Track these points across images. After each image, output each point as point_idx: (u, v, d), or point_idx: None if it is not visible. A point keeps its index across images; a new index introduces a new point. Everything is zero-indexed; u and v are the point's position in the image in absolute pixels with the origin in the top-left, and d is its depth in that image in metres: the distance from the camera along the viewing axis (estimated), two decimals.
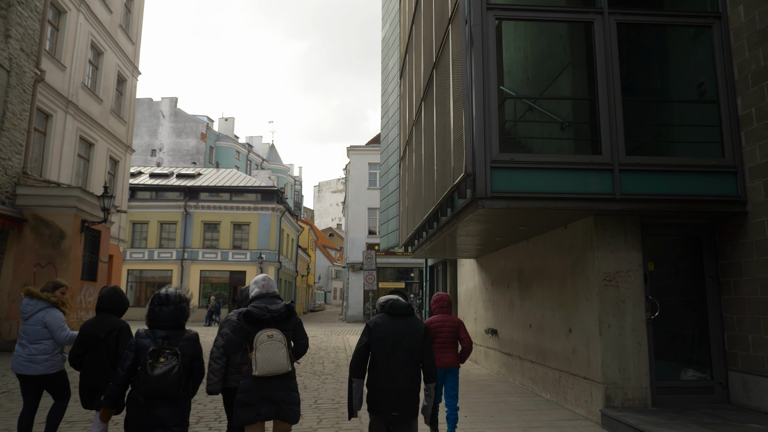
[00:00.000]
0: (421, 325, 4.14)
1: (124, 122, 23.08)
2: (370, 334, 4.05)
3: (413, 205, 11.38)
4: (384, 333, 4.01)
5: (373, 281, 17.37)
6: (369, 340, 4.03)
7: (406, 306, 4.16)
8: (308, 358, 14.19)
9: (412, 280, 37.72)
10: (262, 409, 4.02)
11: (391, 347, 3.98)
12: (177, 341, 3.85)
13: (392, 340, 3.99)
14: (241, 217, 36.34)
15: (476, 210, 6.76)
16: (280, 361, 4.02)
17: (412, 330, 4.05)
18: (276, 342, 4.04)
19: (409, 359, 3.98)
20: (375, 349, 4.00)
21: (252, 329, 4.11)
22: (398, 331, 4.02)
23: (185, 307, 4.00)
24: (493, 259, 11.87)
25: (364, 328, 4.19)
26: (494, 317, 11.70)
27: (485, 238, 9.64)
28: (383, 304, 4.21)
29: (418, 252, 13.12)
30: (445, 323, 5.99)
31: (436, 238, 9.92)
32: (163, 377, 3.64)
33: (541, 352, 8.95)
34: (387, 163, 20.72)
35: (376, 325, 4.07)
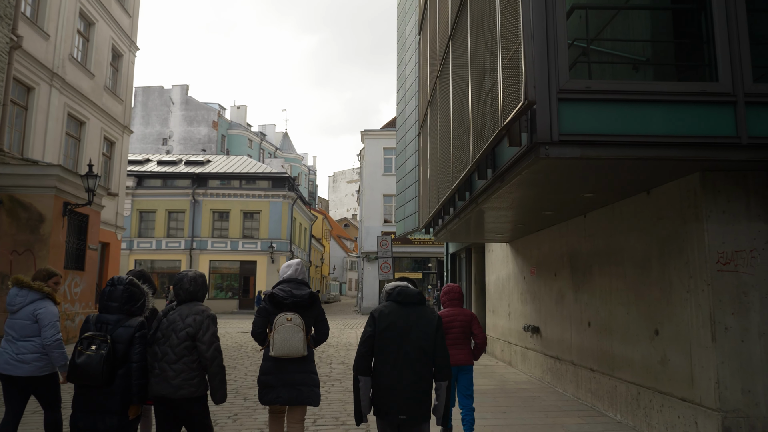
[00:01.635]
0: (434, 316, 3.70)
1: (120, 100, 21.23)
2: (375, 324, 3.63)
3: (436, 177, 9.27)
4: (391, 324, 3.59)
5: (389, 270, 15.34)
6: (374, 330, 3.62)
7: (417, 293, 3.74)
8: (315, 358, 12.21)
9: (429, 270, 35.63)
10: (282, 393, 4.16)
11: (399, 340, 3.56)
12: (116, 327, 3.73)
13: (400, 332, 3.57)
14: (251, 205, 34.50)
15: (536, 162, 4.64)
16: (296, 344, 4.14)
17: (423, 321, 3.62)
18: (294, 326, 4.16)
19: (419, 354, 3.54)
20: (381, 342, 3.58)
21: (275, 311, 4.27)
22: (407, 322, 3.60)
23: (137, 293, 3.89)
24: (533, 242, 9.73)
25: (369, 318, 3.71)
26: (535, 312, 9.58)
27: (529, 212, 7.50)
28: (390, 292, 3.77)
29: (442, 235, 11.01)
30: (457, 317, 5.49)
31: (466, 214, 7.82)
32: (85, 365, 3.56)
33: (606, 358, 6.82)
34: (404, 140, 18.59)
35: (382, 315, 3.64)
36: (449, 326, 5.42)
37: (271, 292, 4.37)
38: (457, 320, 5.48)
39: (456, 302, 5.62)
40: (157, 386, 3.73)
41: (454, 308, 5.59)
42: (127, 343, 3.70)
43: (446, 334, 5.24)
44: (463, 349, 5.47)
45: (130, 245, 33.71)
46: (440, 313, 5.42)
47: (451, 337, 5.37)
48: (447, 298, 5.66)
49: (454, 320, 5.48)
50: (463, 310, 5.62)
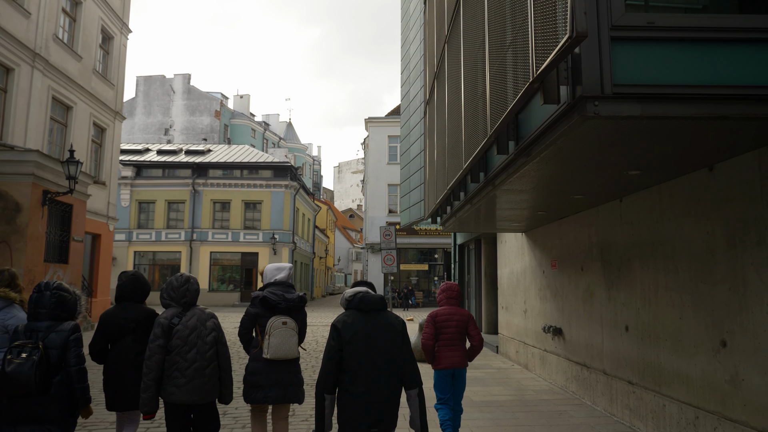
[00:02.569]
0: (398, 320, 3.49)
1: (111, 85, 20.10)
2: (340, 336, 3.34)
3: (444, 159, 8.08)
4: (356, 334, 3.34)
5: (393, 263, 14.17)
6: (340, 343, 3.33)
7: (379, 299, 3.48)
8: (305, 359, 11.11)
9: (436, 262, 34.49)
10: (271, 392, 4.24)
11: (366, 351, 3.31)
12: (47, 333, 3.59)
13: (366, 341, 3.33)
14: (252, 195, 33.40)
15: (580, 125, 3.46)
16: (292, 347, 4.27)
17: (387, 327, 3.41)
18: (289, 329, 4.28)
19: (387, 363, 3.32)
20: (347, 354, 3.31)
21: (267, 314, 4.33)
22: (372, 330, 3.36)
23: (67, 298, 3.73)
24: (553, 232, 8.55)
25: (331, 330, 3.42)
26: (556, 311, 8.41)
27: (555, 195, 6.32)
28: (350, 299, 3.48)
29: (450, 224, 9.83)
30: (453, 317, 5.21)
31: (479, 200, 6.64)
32: (16, 373, 3.38)
33: (651, 371, 5.65)
34: (408, 123, 17.38)
35: (346, 325, 3.37)
36: (445, 326, 5.16)
37: (263, 295, 4.39)
38: (454, 320, 5.20)
39: (453, 301, 5.33)
40: (187, 394, 3.74)
41: (450, 307, 5.29)
42: (61, 348, 3.57)
43: (441, 333, 5.11)
44: (459, 351, 5.17)
45: (129, 237, 32.75)
46: (436, 311, 5.25)
47: (446, 337, 5.14)
48: (444, 296, 5.35)
49: (450, 319, 5.19)
50: (460, 309, 5.33)
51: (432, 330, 5.18)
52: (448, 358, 5.11)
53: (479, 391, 7.97)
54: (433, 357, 5.18)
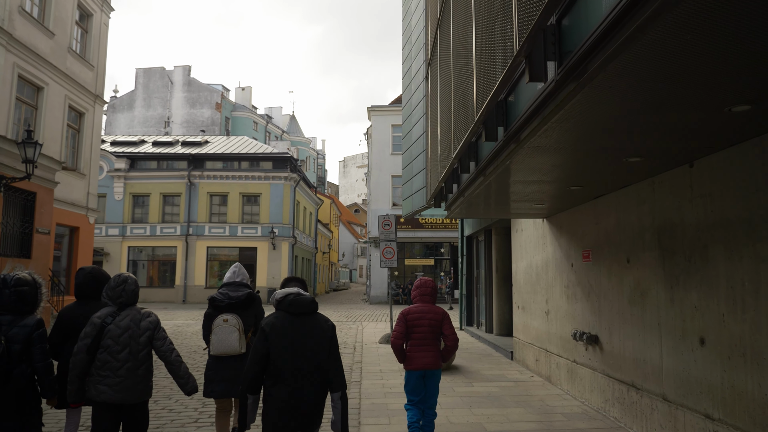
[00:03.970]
0: (327, 324, 3.39)
1: (90, 66, 18.45)
2: (268, 340, 3.23)
3: (449, 124, 6.32)
4: (283, 336, 3.22)
5: (392, 256, 12.45)
6: (267, 346, 3.21)
7: (310, 301, 3.35)
8: None
9: (442, 257, 32.74)
10: (217, 387, 4.52)
11: (291, 354, 3.20)
12: (10, 328, 3.59)
13: (295, 345, 3.22)
14: (251, 187, 31.74)
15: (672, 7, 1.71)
16: (232, 343, 4.46)
17: (317, 331, 3.30)
18: (230, 326, 4.48)
19: (313, 367, 3.23)
20: (273, 357, 3.19)
21: (215, 313, 4.62)
22: (301, 334, 3.25)
23: (26, 291, 3.70)
24: (587, 214, 6.79)
25: (259, 333, 3.28)
26: (591, 314, 6.65)
27: (603, 154, 4.56)
28: (281, 300, 3.33)
29: (456, 208, 8.05)
30: (426, 315, 4.83)
31: (495, 168, 4.91)
32: None
33: (750, 404, 3.88)
34: (410, 103, 15.59)
35: (275, 329, 3.25)
36: (416, 324, 4.85)
37: (211, 296, 4.73)
38: (426, 318, 4.86)
39: (427, 298, 4.98)
40: (119, 394, 3.64)
41: (424, 304, 4.96)
42: (23, 342, 3.59)
43: (413, 332, 4.84)
44: (431, 351, 4.84)
45: (122, 231, 31.23)
46: (408, 308, 4.96)
47: (418, 336, 4.83)
48: (418, 293, 5.01)
49: (423, 317, 4.86)
50: (434, 307, 4.98)
51: (402, 328, 4.83)
52: (420, 358, 4.79)
53: (495, 416, 6.24)
54: (404, 356, 4.88)
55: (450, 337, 4.82)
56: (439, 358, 4.85)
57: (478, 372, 9.05)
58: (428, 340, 4.82)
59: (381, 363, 9.87)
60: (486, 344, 12.32)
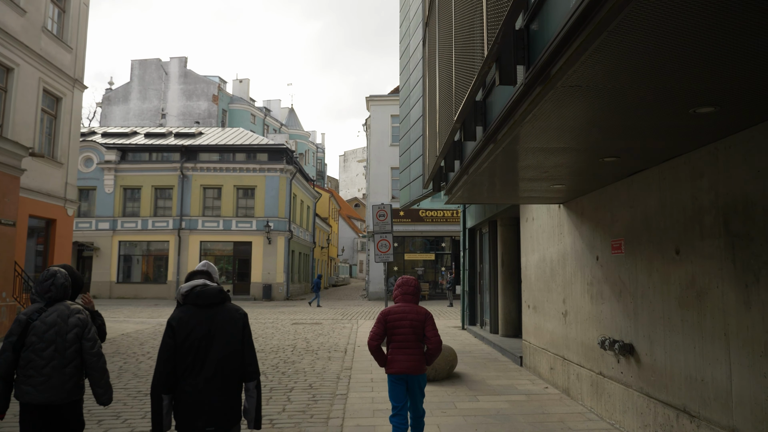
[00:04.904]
0: (239, 314, 3.22)
1: (68, 48, 17.19)
2: (175, 334, 3.07)
3: (452, 79, 5.07)
4: (192, 331, 3.07)
5: (388, 249, 11.24)
6: (175, 341, 3.07)
7: (217, 291, 3.19)
8: (272, 376, 8.20)
9: (443, 251, 31.51)
10: None
11: (203, 348, 3.05)
12: None
13: (204, 338, 3.06)
14: (245, 180, 30.51)
15: None
16: None
17: (227, 321, 3.15)
18: None
19: (226, 359, 3.08)
20: (183, 352, 3.04)
21: None
22: (210, 326, 3.10)
23: None
24: (617, 195, 5.54)
25: (167, 328, 3.12)
26: (623, 317, 5.41)
27: (661, 104, 3.31)
28: (187, 294, 3.19)
29: (458, 191, 6.75)
30: (407, 315, 4.47)
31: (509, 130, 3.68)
32: None
33: None
34: (408, 83, 14.32)
35: (182, 323, 3.10)
36: (397, 325, 4.45)
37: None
38: (408, 318, 4.46)
39: (410, 297, 4.58)
40: (44, 394, 3.38)
41: (405, 304, 4.55)
42: None
43: (393, 335, 4.47)
44: (414, 355, 4.43)
45: (113, 225, 30.05)
46: (388, 308, 4.56)
47: (399, 338, 4.43)
48: (400, 292, 4.61)
49: (404, 318, 4.46)
50: (417, 306, 4.56)
51: (380, 329, 4.49)
52: (400, 362, 4.43)
53: None
54: (385, 359, 4.53)
55: (432, 340, 4.42)
56: (422, 362, 4.47)
57: (483, 382, 7.83)
58: (410, 342, 4.45)
59: (373, 370, 8.65)
60: (491, 346, 11.10)
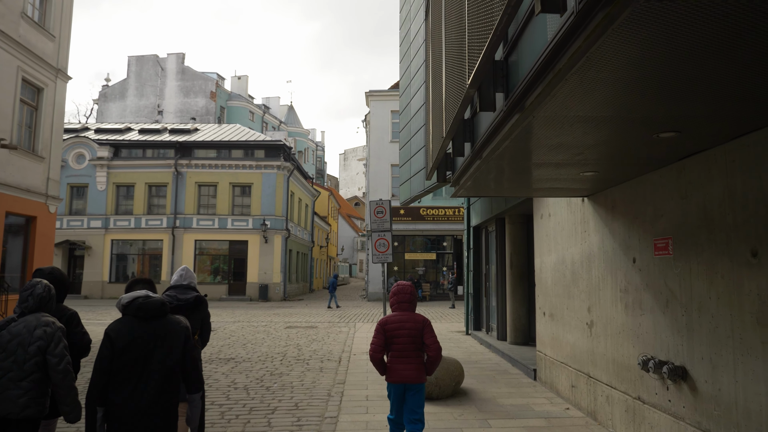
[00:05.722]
0: (181, 327, 3.13)
1: (50, 36, 16.19)
2: (113, 346, 2.99)
3: (465, 39, 4.07)
4: (130, 343, 2.98)
5: (387, 249, 10.26)
6: (112, 353, 2.99)
7: (159, 304, 3.11)
8: (254, 392, 7.19)
9: (444, 251, 30.50)
10: None
11: (141, 362, 2.97)
12: None
13: (142, 352, 2.98)
14: (241, 177, 29.53)
15: None
16: None
17: (168, 335, 3.06)
18: None
19: (166, 373, 3.01)
20: (120, 365, 2.97)
21: None
22: (150, 340, 3.00)
23: None
24: (663, 185, 4.52)
25: (104, 338, 3.02)
26: (669, 333, 4.40)
27: None
28: (127, 305, 3.10)
29: (466, 182, 5.74)
30: (405, 324, 4.34)
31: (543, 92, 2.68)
32: None
33: None
34: (409, 70, 13.32)
35: (120, 335, 3.00)
36: (396, 334, 4.32)
37: None
38: (406, 327, 4.33)
39: (406, 305, 4.44)
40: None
41: (402, 312, 4.42)
42: None
43: (392, 344, 4.34)
44: (412, 363, 4.31)
45: (105, 224, 29.07)
46: (385, 318, 4.42)
47: (398, 348, 4.32)
48: (395, 300, 4.46)
49: (402, 327, 4.33)
50: (414, 315, 4.40)
51: (380, 340, 4.31)
52: (400, 371, 4.28)
53: None
54: (385, 369, 4.35)
55: (432, 347, 4.30)
56: (421, 371, 4.34)
57: (494, 400, 6.83)
58: (409, 351, 4.33)
59: (369, 384, 7.65)
60: (499, 356, 10.09)
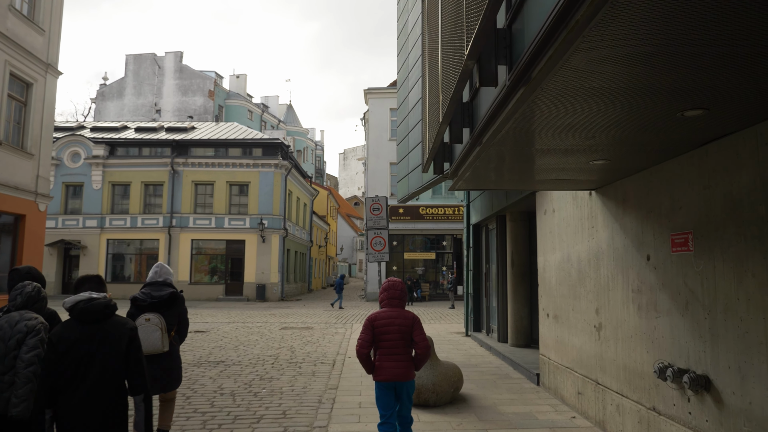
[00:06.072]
0: (125, 329, 3.08)
1: (40, 30, 15.76)
2: (56, 350, 2.95)
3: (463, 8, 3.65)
4: (72, 348, 2.93)
5: (383, 247, 9.82)
6: (56, 356, 2.95)
7: (103, 307, 3.03)
8: (240, 398, 6.75)
9: (444, 250, 30.06)
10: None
11: (83, 364, 2.93)
12: None
13: (84, 356, 2.93)
14: (238, 175, 29.09)
15: None
16: (155, 342, 4.34)
17: (112, 338, 3.01)
18: (152, 325, 4.36)
19: (109, 376, 2.98)
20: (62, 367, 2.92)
21: (137, 313, 4.48)
22: (92, 343, 2.96)
23: None
24: (682, 174, 4.09)
25: (48, 344, 3.02)
26: (690, 337, 3.96)
27: None
28: (71, 308, 3.01)
29: (465, 173, 5.31)
30: (394, 320, 4.30)
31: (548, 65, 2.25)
32: None
33: None
34: (407, 63, 12.89)
35: (62, 339, 2.96)
36: (385, 330, 4.27)
37: (134, 296, 4.58)
38: (395, 324, 4.28)
39: (396, 301, 4.40)
40: None
41: (392, 309, 4.38)
42: None
43: (381, 340, 4.29)
44: (402, 361, 4.28)
45: (101, 223, 28.63)
46: (374, 314, 4.35)
47: (387, 345, 4.27)
48: (386, 296, 4.42)
49: (391, 324, 4.28)
50: (404, 311, 4.37)
51: (368, 336, 4.26)
52: (389, 368, 4.23)
53: None
54: (372, 367, 4.30)
55: (420, 345, 4.29)
56: (411, 368, 4.33)
57: (495, 408, 6.39)
58: (399, 348, 4.29)
59: (363, 390, 7.21)
60: (500, 359, 9.65)
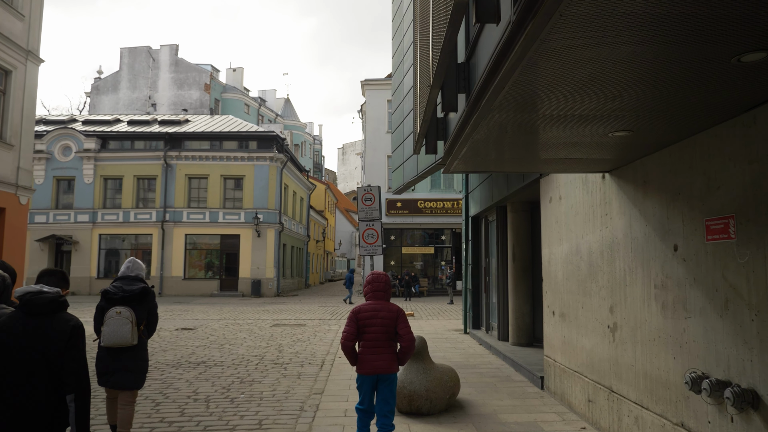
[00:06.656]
0: (68, 325, 2.89)
1: (19, 15, 15.02)
2: None
3: None
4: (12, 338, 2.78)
5: (376, 240, 9.13)
6: None
7: (50, 300, 2.89)
8: (215, 404, 6.08)
9: (443, 244, 29.40)
10: (112, 378, 4.46)
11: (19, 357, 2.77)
12: None
13: (21, 348, 2.79)
14: (233, 169, 28.38)
15: None
16: (125, 335, 4.38)
17: (53, 332, 2.85)
18: (122, 318, 4.38)
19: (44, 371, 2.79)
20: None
21: (108, 306, 4.51)
22: (33, 336, 2.81)
23: None
24: (718, 149, 3.40)
25: None
26: (732, 344, 3.28)
27: None
28: (19, 298, 2.91)
29: (462, 148, 4.63)
30: (378, 313, 4.24)
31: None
32: None
33: None
34: (401, 47, 12.18)
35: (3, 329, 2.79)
36: (368, 323, 4.21)
37: (105, 289, 4.60)
38: (379, 317, 4.22)
39: (380, 294, 4.33)
40: None
41: (376, 302, 4.33)
42: None
43: (364, 333, 4.23)
44: (385, 354, 4.21)
45: (93, 218, 27.94)
46: (359, 306, 4.34)
47: (371, 337, 4.20)
48: (370, 289, 4.35)
49: (375, 317, 4.23)
50: (388, 304, 4.32)
51: (353, 328, 4.22)
52: (371, 361, 4.16)
53: None
54: (356, 359, 4.23)
55: (405, 337, 4.18)
56: (394, 361, 4.22)
57: (494, 415, 5.72)
58: (381, 341, 4.19)
59: (350, 395, 6.54)
60: (501, 359, 8.98)
